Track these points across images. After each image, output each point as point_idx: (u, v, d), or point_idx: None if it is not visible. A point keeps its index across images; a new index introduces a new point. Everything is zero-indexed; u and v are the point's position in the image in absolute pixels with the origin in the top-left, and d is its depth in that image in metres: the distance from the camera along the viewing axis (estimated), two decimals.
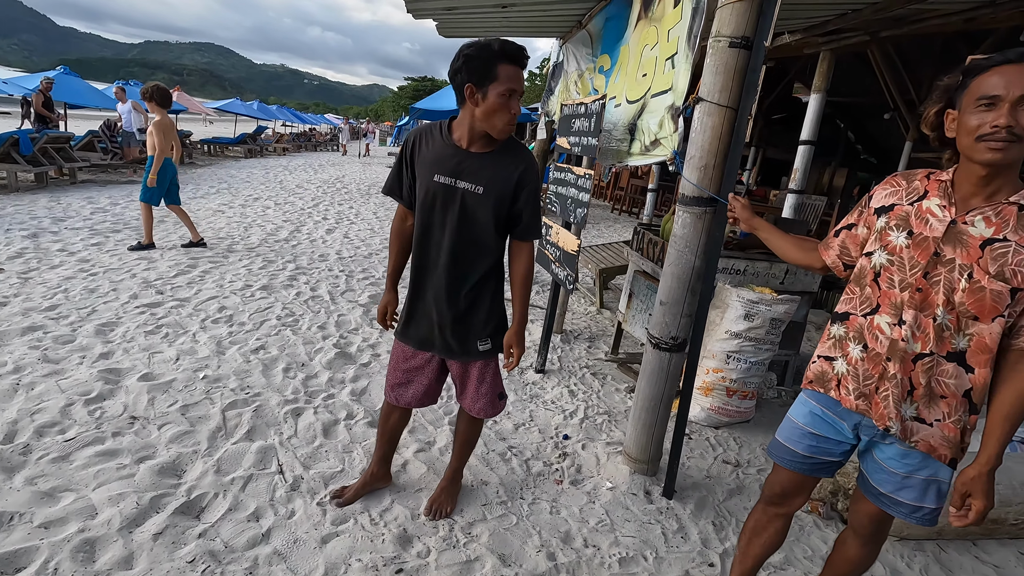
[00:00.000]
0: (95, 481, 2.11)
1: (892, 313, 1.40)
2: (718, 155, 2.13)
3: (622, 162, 3.06)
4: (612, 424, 3.07)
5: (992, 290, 1.26)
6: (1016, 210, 1.27)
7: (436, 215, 1.80)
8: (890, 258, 1.41)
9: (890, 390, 1.40)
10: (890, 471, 1.46)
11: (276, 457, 2.40)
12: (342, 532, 2.03)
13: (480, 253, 1.82)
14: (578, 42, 4.43)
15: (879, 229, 1.45)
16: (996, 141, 1.21)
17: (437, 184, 1.76)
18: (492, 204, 1.75)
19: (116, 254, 5.01)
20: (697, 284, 2.28)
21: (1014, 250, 1.25)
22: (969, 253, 1.29)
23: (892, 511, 1.50)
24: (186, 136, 14.16)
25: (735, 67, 2.03)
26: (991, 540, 2.44)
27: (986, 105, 1.23)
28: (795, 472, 1.62)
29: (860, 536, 1.63)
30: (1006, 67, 1.22)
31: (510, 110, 1.64)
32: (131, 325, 3.49)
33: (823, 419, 1.56)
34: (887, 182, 1.50)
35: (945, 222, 1.33)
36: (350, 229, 7.47)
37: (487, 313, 1.92)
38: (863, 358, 1.45)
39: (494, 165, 1.75)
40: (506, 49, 1.61)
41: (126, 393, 2.72)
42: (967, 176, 1.33)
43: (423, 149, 1.81)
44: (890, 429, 1.41)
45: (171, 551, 1.85)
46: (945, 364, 1.35)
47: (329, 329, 3.86)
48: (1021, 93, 1.18)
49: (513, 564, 1.98)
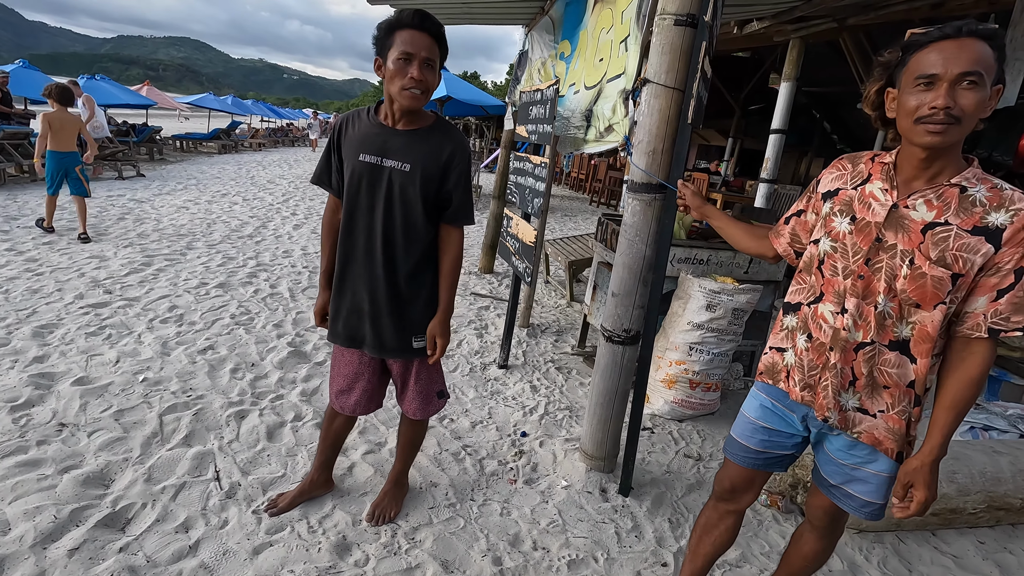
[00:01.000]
0: (12, 494, 1.98)
1: (835, 301, 1.34)
2: (666, 139, 2.04)
3: (579, 149, 2.97)
4: (573, 420, 2.99)
5: (933, 276, 1.20)
6: (958, 192, 1.20)
7: (363, 197, 1.69)
8: (833, 244, 1.35)
9: (829, 380, 1.35)
10: (839, 463, 1.42)
11: (214, 463, 2.28)
12: (276, 541, 1.92)
13: (411, 239, 1.72)
14: (542, 29, 4.33)
15: (824, 215, 1.39)
16: (934, 124, 1.14)
17: (363, 164, 1.67)
18: (420, 182, 1.66)
19: (67, 253, 4.81)
20: (648, 274, 2.19)
21: (955, 234, 1.18)
22: (911, 238, 1.22)
23: (843, 504, 1.46)
24: (156, 131, 13.80)
25: (681, 47, 1.94)
26: (950, 530, 2.41)
27: (925, 84, 1.15)
28: (746, 468, 1.57)
29: (816, 530, 1.59)
30: (944, 43, 1.13)
31: (406, 73, 1.55)
32: (72, 327, 3.32)
33: (773, 412, 1.51)
34: (834, 165, 1.44)
35: (887, 206, 1.26)
36: (319, 225, 7.28)
37: (424, 307, 1.81)
38: (807, 348, 1.40)
39: (422, 142, 1.67)
40: (403, 14, 1.56)
41: (57, 398, 2.58)
42: (908, 158, 1.26)
43: (349, 131, 1.73)
44: (828, 419, 1.37)
45: (87, 567, 1.73)
46: (887, 353, 1.29)
47: (285, 327, 3.73)
48: (960, 71, 1.10)
49: (456, 571, 1.89)
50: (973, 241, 1.17)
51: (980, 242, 1.16)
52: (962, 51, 1.11)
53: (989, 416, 3.00)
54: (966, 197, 1.19)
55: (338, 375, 1.94)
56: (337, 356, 1.94)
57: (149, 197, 7.98)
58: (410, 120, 1.68)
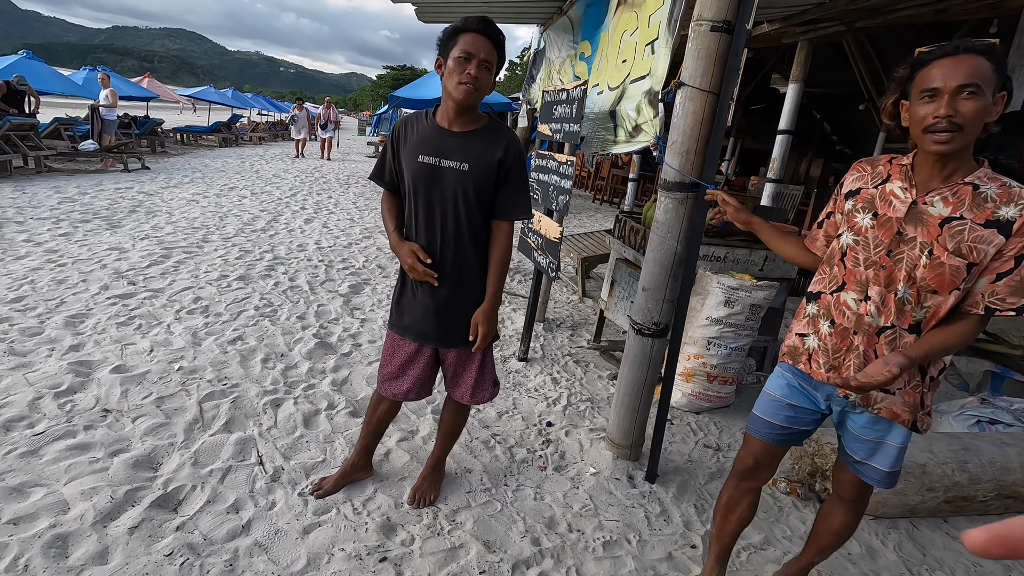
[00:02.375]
0: (66, 476, 2.05)
1: (858, 290, 1.47)
2: (699, 140, 2.13)
3: (607, 151, 3.05)
4: (595, 410, 3.08)
5: (951, 265, 1.33)
6: (971, 190, 1.34)
7: (423, 197, 1.77)
8: (856, 238, 1.48)
9: (852, 361, 1.47)
10: (863, 439, 1.56)
11: (255, 448, 2.36)
12: (324, 522, 2.00)
13: (472, 235, 1.80)
14: (559, 29, 4.40)
15: (847, 212, 1.52)
16: (940, 132, 1.28)
17: (422, 165, 1.75)
18: (478, 181, 1.74)
19: (86, 244, 4.86)
20: (679, 270, 2.28)
21: (969, 227, 1.32)
22: (929, 231, 1.36)
23: (867, 477, 1.59)
24: (157, 124, 13.77)
25: (717, 51, 2.03)
26: (961, 517, 2.52)
27: (929, 97, 1.30)
28: (768, 443, 1.68)
29: (845, 503, 1.71)
30: (944, 60, 1.28)
31: (464, 70, 1.65)
32: (102, 316, 3.39)
33: (799, 390, 1.63)
34: (855, 168, 1.57)
35: (907, 203, 1.40)
36: (329, 219, 7.36)
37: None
38: (831, 333, 1.53)
39: (478, 142, 1.75)
40: (468, 20, 1.67)
41: (98, 386, 2.65)
42: (923, 162, 1.40)
43: (408, 134, 1.82)
44: (848, 397, 1.51)
45: (148, 545, 1.80)
46: (907, 336, 1.43)
47: (308, 319, 3.80)
48: (957, 84, 1.25)
49: (498, 550, 1.98)
50: (986, 233, 1.30)
51: (993, 234, 1.30)
52: (959, 66, 1.25)
53: (995, 411, 3.11)
54: (979, 194, 1.33)
55: (390, 362, 2.00)
56: (391, 343, 2.00)
57: (157, 190, 8.01)
58: (465, 121, 1.76)
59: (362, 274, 5.04)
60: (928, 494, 2.40)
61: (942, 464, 2.42)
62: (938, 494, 2.41)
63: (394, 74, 59.95)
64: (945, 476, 2.41)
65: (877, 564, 2.17)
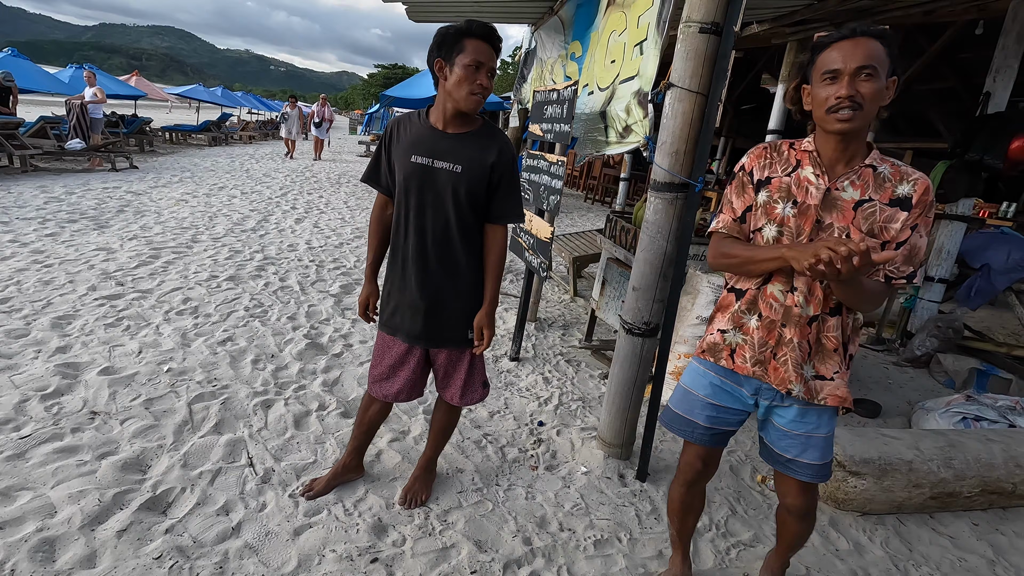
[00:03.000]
0: (53, 479, 2.03)
1: (784, 281, 1.47)
2: (689, 141, 2.14)
3: (600, 151, 3.06)
4: (586, 410, 3.09)
5: (868, 246, 1.33)
6: (872, 172, 1.39)
7: (415, 198, 1.77)
8: (780, 229, 1.47)
9: (788, 355, 1.47)
10: (793, 434, 1.54)
11: (246, 450, 2.35)
12: (315, 523, 2.00)
13: (462, 237, 1.80)
14: (550, 28, 4.41)
15: (762, 203, 1.50)
16: (842, 111, 1.31)
17: (414, 165, 1.75)
18: (470, 184, 1.74)
19: (73, 245, 4.80)
20: (669, 269, 2.30)
21: (879, 208, 1.37)
22: (844, 216, 1.40)
23: (801, 475, 1.56)
24: (146, 123, 13.65)
25: (705, 53, 2.04)
26: (946, 512, 2.55)
27: (830, 78, 1.33)
28: (704, 446, 1.68)
29: (792, 512, 1.69)
30: (843, 42, 1.32)
31: (475, 80, 1.65)
32: (90, 318, 3.35)
33: (723, 389, 1.60)
34: (757, 155, 1.54)
35: (822, 190, 1.41)
36: (320, 219, 7.33)
37: (477, 300, 1.90)
38: (758, 327, 1.51)
39: (471, 145, 1.75)
40: (474, 25, 1.65)
41: (85, 388, 2.62)
42: (826, 144, 1.43)
43: (401, 134, 1.82)
44: (792, 391, 1.48)
45: (136, 548, 1.79)
46: (830, 319, 1.45)
47: (299, 320, 3.78)
48: (856, 65, 1.29)
49: (489, 550, 1.98)
50: (892, 212, 1.37)
51: (897, 212, 1.37)
52: (857, 48, 1.30)
53: (980, 408, 3.15)
54: (878, 175, 1.39)
55: (380, 363, 2.00)
56: (382, 344, 2.00)
57: (145, 189, 7.93)
58: (460, 123, 1.76)
59: (353, 274, 5.02)
60: (915, 490, 2.43)
61: (928, 461, 2.45)
62: (924, 490, 2.44)
63: (385, 73, 59.78)
64: (931, 473, 2.44)
65: (864, 560, 2.20)
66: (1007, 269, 4.40)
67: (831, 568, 2.13)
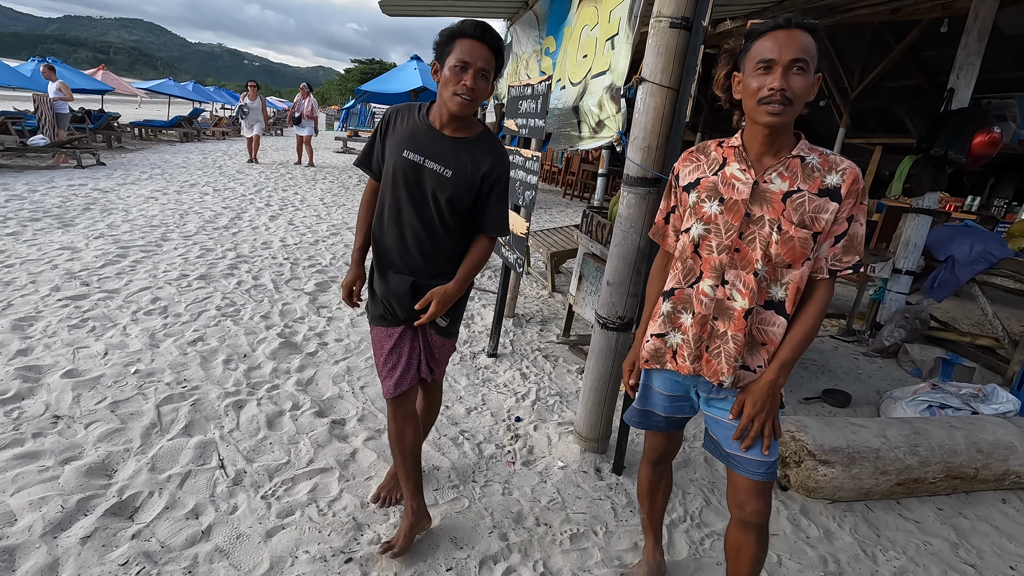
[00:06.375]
0: (13, 486, 1.97)
1: (714, 276, 1.47)
2: (661, 135, 2.15)
3: (574, 147, 3.06)
4: (564, 405, 3.10)
5: (799, 238, 1.38)
6: (799, 162, 1.39)
7: (401, 192, 1.74)
8: (707, 227, 1.47)
9: (721, 347, 1.47)
10: (730, 424, 1.51)
11: (217, 451, 2.30)
12: (288, 525, 1.97)
13: (443, 232, 1.76)
14: (525, 24, 4.40)
15: (692, 204, 1.51)
16: (773, 104, 1.30)
17: (405, 160, 1.72)
18: (457, 190, 1.70)
19: (35, 244, 4.65)
20: (642, 264, 2.31)
21: (808, 198, 1.37)
22: (774, 208, 1.39)
23: (745, 471, 1.49)
24: (114, 118, 13.27)
25: (676, 48, 2.05)
26: (912, 498, 2.62)
27: (763, 68, 1.31)
28: (666, 432, 1.73)
29: (746, 523, 1.53)
30: (779, 32, 1.30)
31: (459, 80, 1.61)
32: (52, 319, 3.25)
33: (674, 380, 1.61)
34: (686, 158, 1.56)
35: (749, 184, 1.41)
36: (295, 216, 7.21)
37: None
38: (692, 324, 1.51)
39: (466, 151, 1.72)
40: (463, 25, 1.64)
41: (48, 391, 2.54)
42: (754, 137, 1.42)
43: (398, 125, 1.78)
44: (724, 383, 1.48)
45: (101, 554, 1.75)
46: (764, 313, 1.45)
47: (273, 318, 3.72)
48: (791, 57, 1.28)
49: (465, 546, 1.98)
50: (821, 202, 1.36)
51: (826, 202, 1.36)
52: (792, 40, 1.28)
53: (944, 395, 3.25)
54: (806, 165, 1.39)
55: (381, 352, 1.88)
56: (379, 340, 1.89)
57: (113, 186, 7.71)
58: (458, 127, 1.73)
59: (329, 272, 4.96)
60: (882, 477, 2.49)
61: (895, 448, 2.52)
62: (891, 477, 2.50)
63: (362, 68, 59.01)
64: (897, 460, 2.50)
65: (834, 546, 2.25)
66: (971, 261, 4.53)
67: (801, 555, 2.17)
